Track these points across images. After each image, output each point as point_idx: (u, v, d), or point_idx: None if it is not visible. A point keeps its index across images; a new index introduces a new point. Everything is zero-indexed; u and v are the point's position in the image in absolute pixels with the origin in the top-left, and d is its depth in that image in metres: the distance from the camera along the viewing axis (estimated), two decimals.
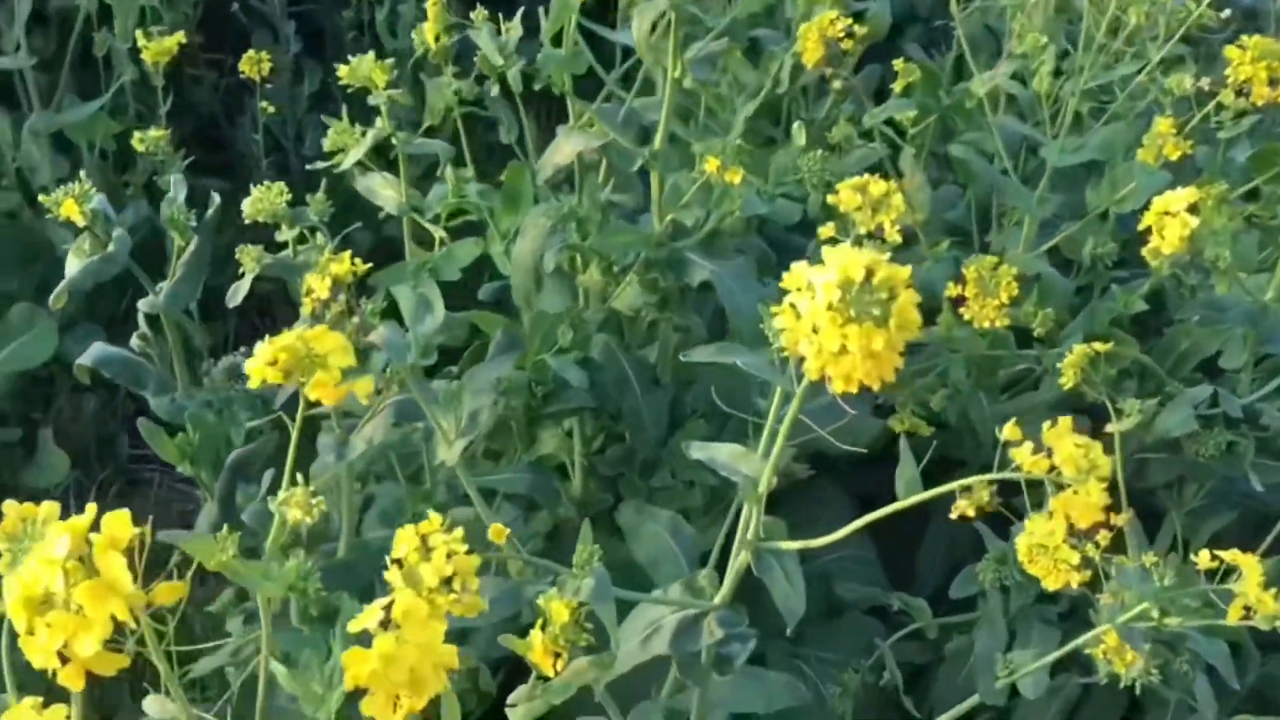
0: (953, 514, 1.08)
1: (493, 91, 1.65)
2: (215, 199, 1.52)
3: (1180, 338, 1.89)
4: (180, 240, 1.52)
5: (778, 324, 0.96)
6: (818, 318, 0.93)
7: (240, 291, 1.46)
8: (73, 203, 1.37)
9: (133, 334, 1.69)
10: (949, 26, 2.20)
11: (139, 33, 2.29)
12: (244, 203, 1.42)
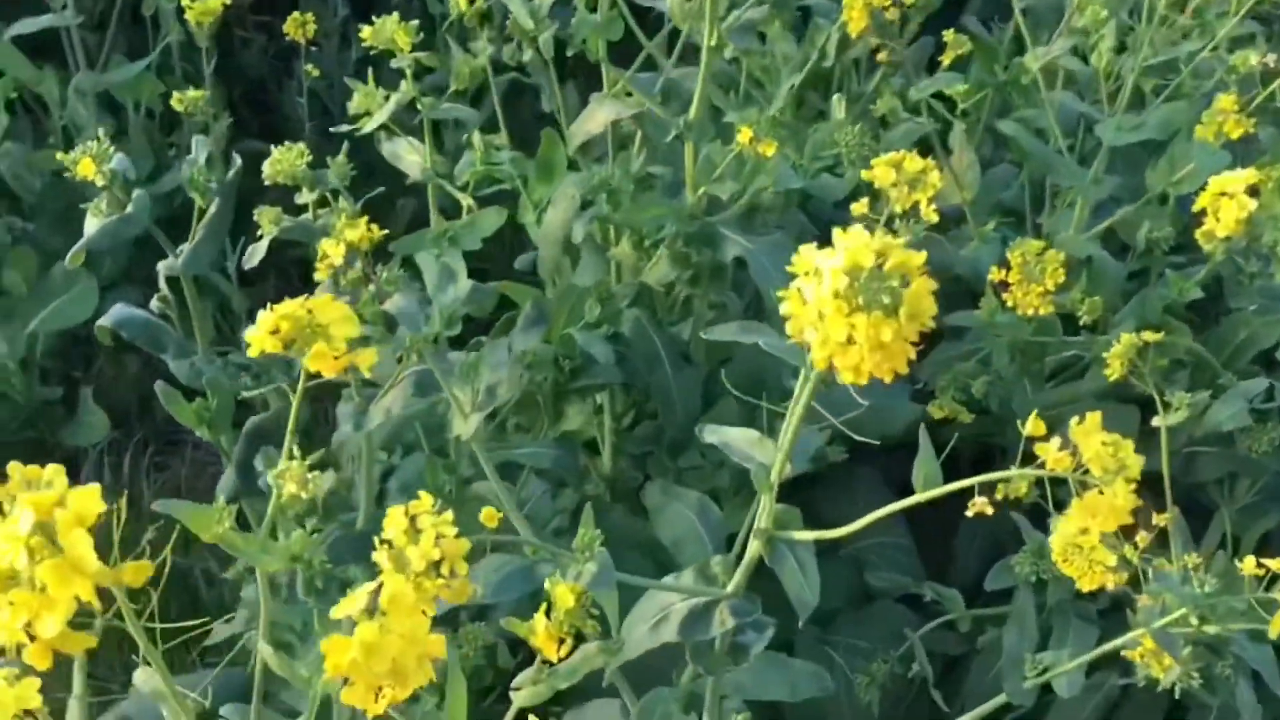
0: (969, 510, 1.03)
1: (524, 57, 1.61)
2: (237, 161, 1.49)
3: (1237, 327, 1.82)
4: (201, 202, 1.49)
5: (783, 310, 0.90)
6: (823, 305, 0.87)
7: (258, 253, 1.43)
8: (89, 161, 1.35)
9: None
10: None
11: None
12: (264, 164, 1.40)
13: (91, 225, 1.42)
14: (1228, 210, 1.46)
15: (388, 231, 1.43)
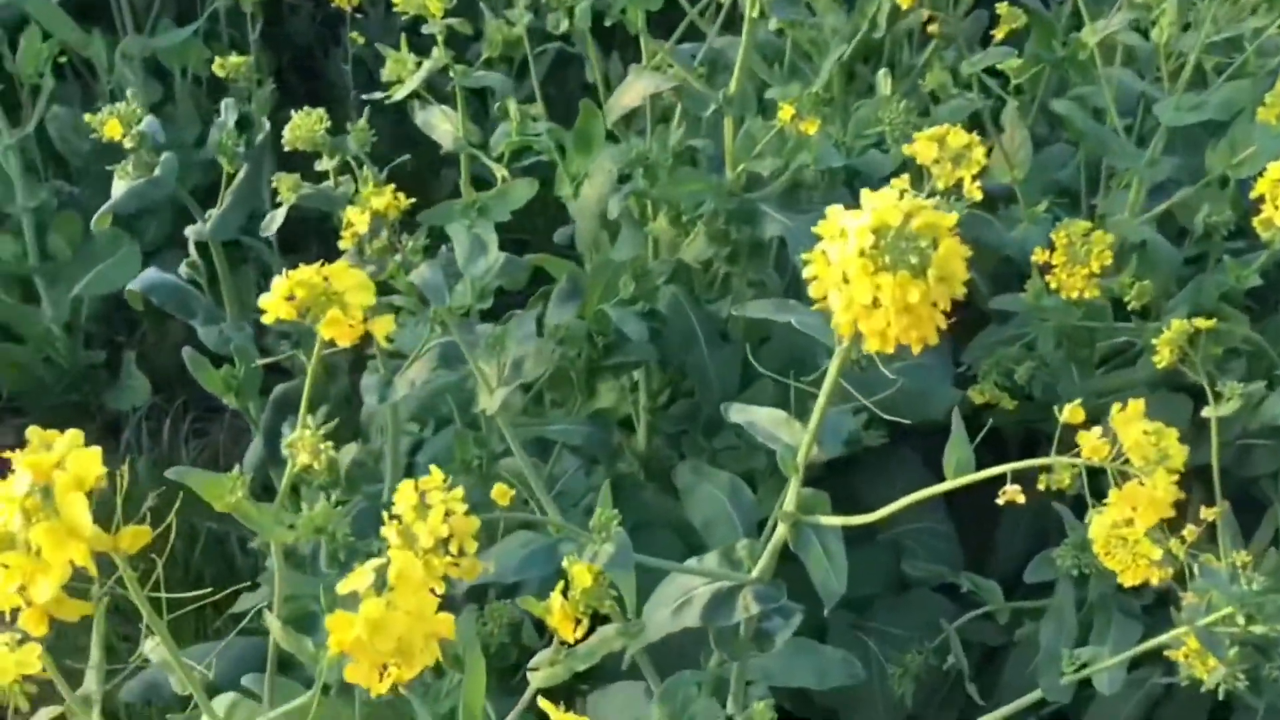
0: (1000, 499, 0.98)
1: (561, 26, 1.57)
2: (265, 125, 1.47)
3: None
4: (229, 167, 1.48)
5: (806, 273, 0.86)
6: (848, 265, 0.83)
7: (276, 220, 1.41)
8: (116, 122, 1.34)
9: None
10: None
11: None
12: (284, 128, 1.37)
13: (119, 188, 1.41)
14: None
15: (415, 200, 1.41)
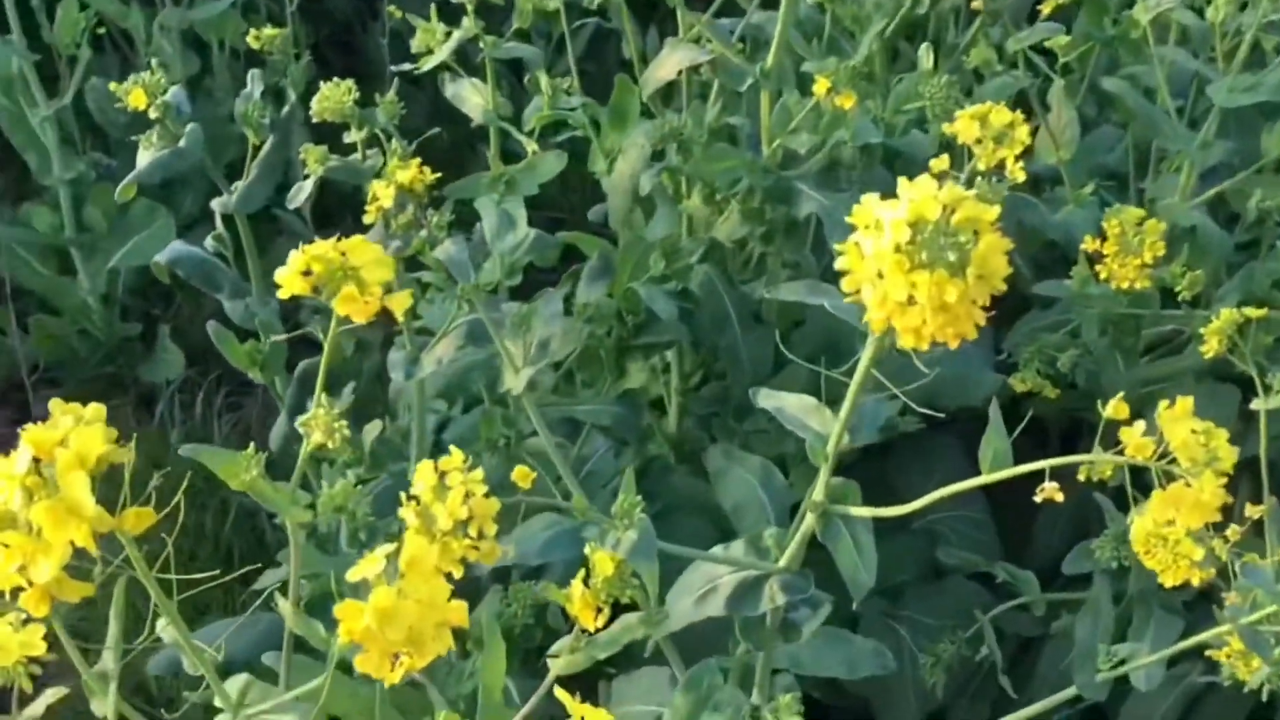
0: (1037, 497, 0.95)
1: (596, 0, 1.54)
2: (291, 96, 1.45)
3: None
4: (254, 139, 1.46)
5: (839, 265, 0.82)
6: (883, 261, 0.79)
7: (303, 193, 1.39)
8: (140, 92, 1.32)
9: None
10: None
11: None
12: (312, 100, 1.35)
13: (143, 158, 1.40)
14: None
15: (448, 176, 1.38)
